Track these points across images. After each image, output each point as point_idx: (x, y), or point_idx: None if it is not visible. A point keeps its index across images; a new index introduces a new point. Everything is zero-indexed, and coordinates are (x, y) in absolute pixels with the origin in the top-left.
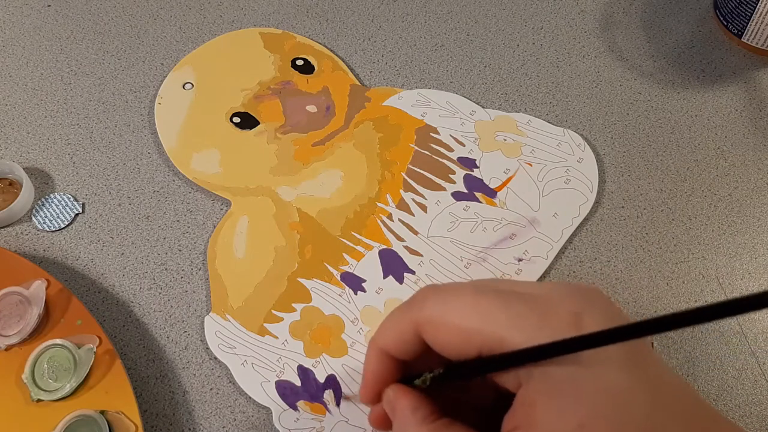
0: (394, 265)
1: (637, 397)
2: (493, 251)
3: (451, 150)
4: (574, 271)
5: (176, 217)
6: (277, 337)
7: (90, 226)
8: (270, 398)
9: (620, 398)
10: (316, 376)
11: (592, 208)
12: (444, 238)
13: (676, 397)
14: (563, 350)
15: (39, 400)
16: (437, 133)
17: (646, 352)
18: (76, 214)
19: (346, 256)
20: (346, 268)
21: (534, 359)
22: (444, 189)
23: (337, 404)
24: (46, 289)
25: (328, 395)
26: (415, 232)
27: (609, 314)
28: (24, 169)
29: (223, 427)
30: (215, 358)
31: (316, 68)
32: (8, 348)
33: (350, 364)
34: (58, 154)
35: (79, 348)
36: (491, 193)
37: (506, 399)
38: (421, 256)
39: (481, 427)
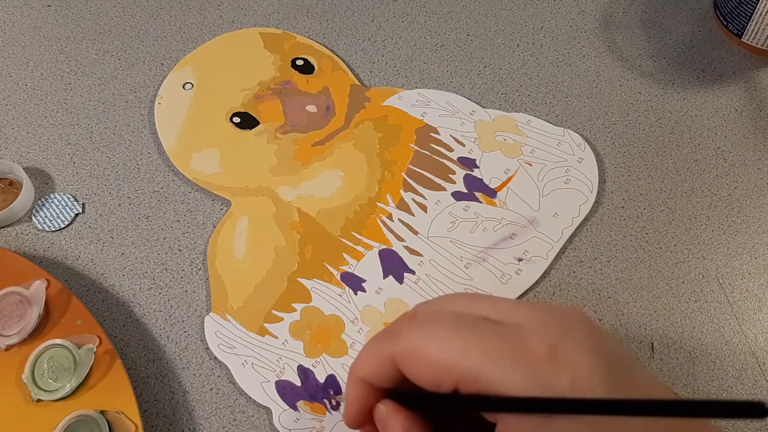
0: (394, 265)
1: None
2: (493, 251)
3: (451, 150)
4: (574, 271)
5: (176, 217)
6: (277, 337)
7: (90, 226)
8: (270, 398)
9: None
10: (316, 376)
11: (592, 208)
12: (444, 238)
13: None
14: (534, 408)
15: (39, 400)
16: (437, 133)
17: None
18: (76, 214)
19: (346, 256)
20: (346, 268)
21: (510, 409)
22: (444, 189)
23: (337, 404)
24: (46, 289)
25: (329, 395)
26: (415, 232)
27: (586, 345)
28: (24, 169)
29: (223, 427)
30: (215, 358)
31: (316, 68)
32: (8, 348)
33: (350, 364)
34: (58, 154)
35: (79, 348)
36: (491, 193)
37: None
38: (421, 256)
39: None
